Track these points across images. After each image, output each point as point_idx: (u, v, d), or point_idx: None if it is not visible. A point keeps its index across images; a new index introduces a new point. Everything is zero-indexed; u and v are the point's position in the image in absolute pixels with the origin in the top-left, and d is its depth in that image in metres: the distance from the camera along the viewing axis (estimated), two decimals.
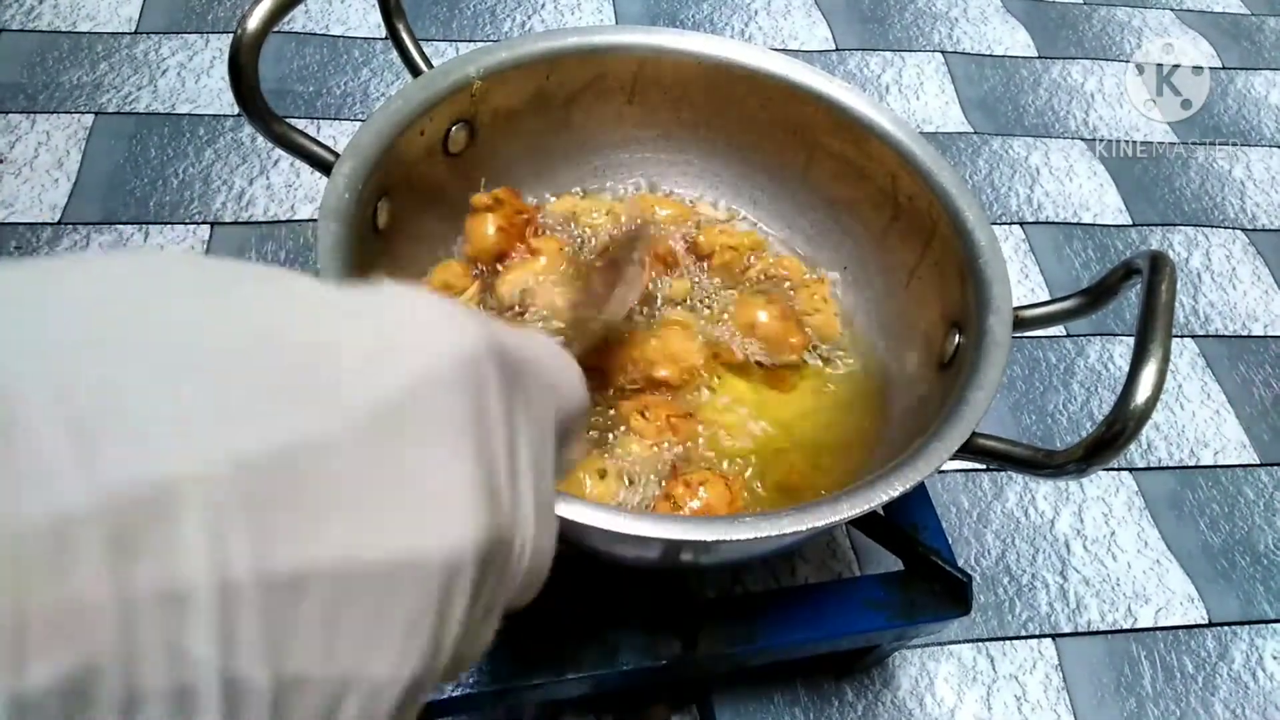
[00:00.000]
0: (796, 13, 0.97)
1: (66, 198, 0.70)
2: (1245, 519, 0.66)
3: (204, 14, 0.85)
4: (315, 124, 0.79)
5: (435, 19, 0.90)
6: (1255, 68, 1.01)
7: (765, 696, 0.55)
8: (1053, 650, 0.59)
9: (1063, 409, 0.70)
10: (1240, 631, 0.61)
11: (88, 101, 0.76)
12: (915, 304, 0.52)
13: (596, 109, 0.55)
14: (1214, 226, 0.85)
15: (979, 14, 1.01)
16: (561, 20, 0.91)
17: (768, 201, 0.59)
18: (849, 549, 0.59)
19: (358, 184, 0.42)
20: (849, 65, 0.93)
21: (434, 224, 0.52)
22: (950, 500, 0.64)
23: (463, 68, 0.49)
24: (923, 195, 0.49)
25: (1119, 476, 0.67)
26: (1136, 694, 0.58)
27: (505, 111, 0.52)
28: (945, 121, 0.89)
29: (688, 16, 0.95)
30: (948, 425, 0.38)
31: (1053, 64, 0.98)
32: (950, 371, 0.45)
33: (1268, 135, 0.94)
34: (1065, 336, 0.75)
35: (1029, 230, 0.82)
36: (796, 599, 0.47)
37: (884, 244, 0.54)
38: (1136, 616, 0.61)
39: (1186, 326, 0.77)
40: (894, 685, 0.56)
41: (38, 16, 0.82)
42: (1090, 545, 0.64)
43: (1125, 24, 1.04)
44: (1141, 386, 0.33)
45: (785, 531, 0.34)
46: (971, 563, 0.62)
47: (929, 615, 0.45)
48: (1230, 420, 0.72)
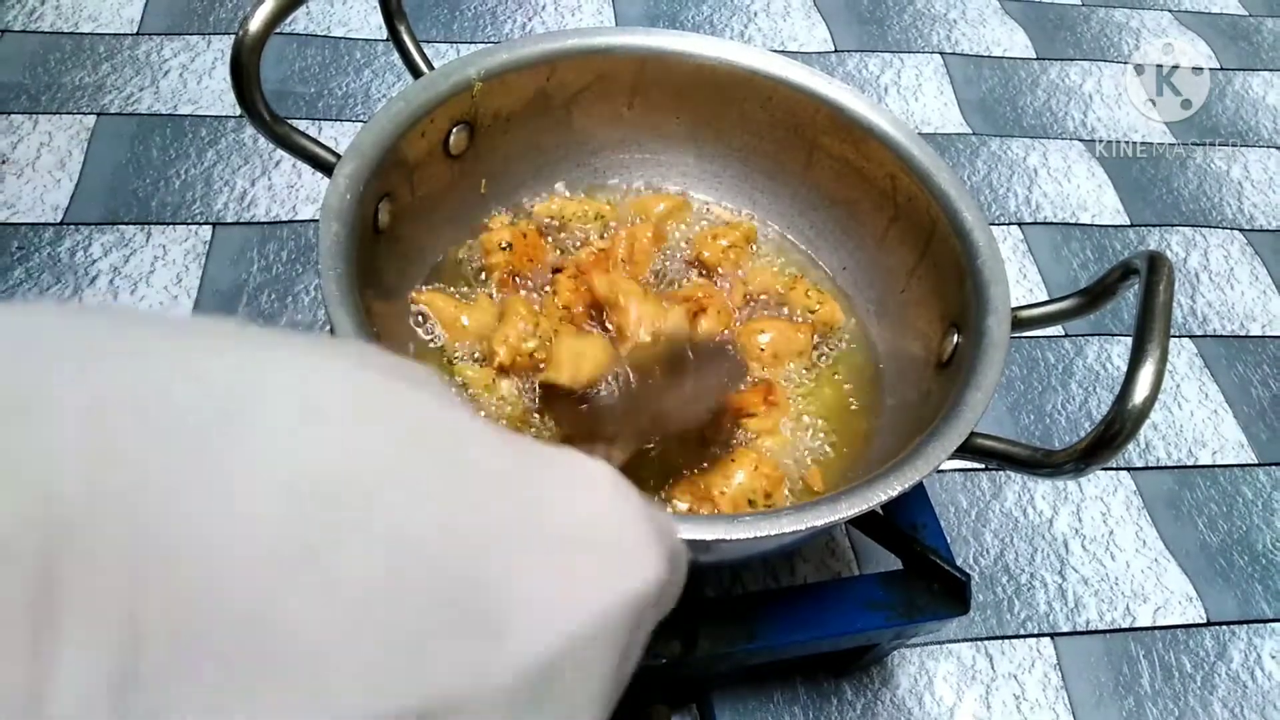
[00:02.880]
0: (796, 14, 0.97)
1: (69, 198, 0.70)
2: (1243, 518, 0.66)
3: (206, 15, 0.85)
4: (317, 125, 0.79)
5: (436, 21, 0.90)
6: (1253, 68, 1.02)
7: (765, 695, 0.55)
8: (1051, 649, 0.59)
9: (1061, 409, 0.71)
10: (1238, 631, 0.61)
11: (90, 102, 0.77)
12: (914, 304, 0.52)
13: (597, 110, 0.56)
14: (1212, 227, 0.85)
15: (977, 15, 1.02)
16: (562, 22, 0.92)
17: (767, 202, 0.59)
18: (848, 548, 0.60)
19: (359, 185, 0.43)
20: (848, 66, 0.93)
21: (435, 225, 0.53)
22: (949, 500, 0.65)
23: (463, 69, 0.49)
24: (921, 196, 0.49)
25: (1117, 476, 0.67)
26: (1135, 693, 0.58)
27: (506, 113, 0.52)
28: (944, 122, 0.90)
29: (687, 18, 0.95)
30: (946, 425, 0.38)
31: (1051, 65, 0.98)
32: (949, 371, 0.45)
33: (1265, 136, 0.95)
34: (1063, 336, 0.75)
35: (1027, 231, 0.82)
36: (796, 598, 0.47)
37: (883, 244, 0.54)
38: (1135, 616, 0.61)
39: (1184, 326, 0.78)
40: (893, 684, 0.56)
41: (40, 18, 0.82)
42: (1089, 545, 0.64)
43: (1123, 25, 1.04)
44: (1139, 386, 0.33)
45: (784, 531, 0.34)
46: (970, 562, 0.62)
47: (928, 614, 0.46)
48: (1228, 420, 0.72)
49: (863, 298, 0.56)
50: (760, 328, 0.52)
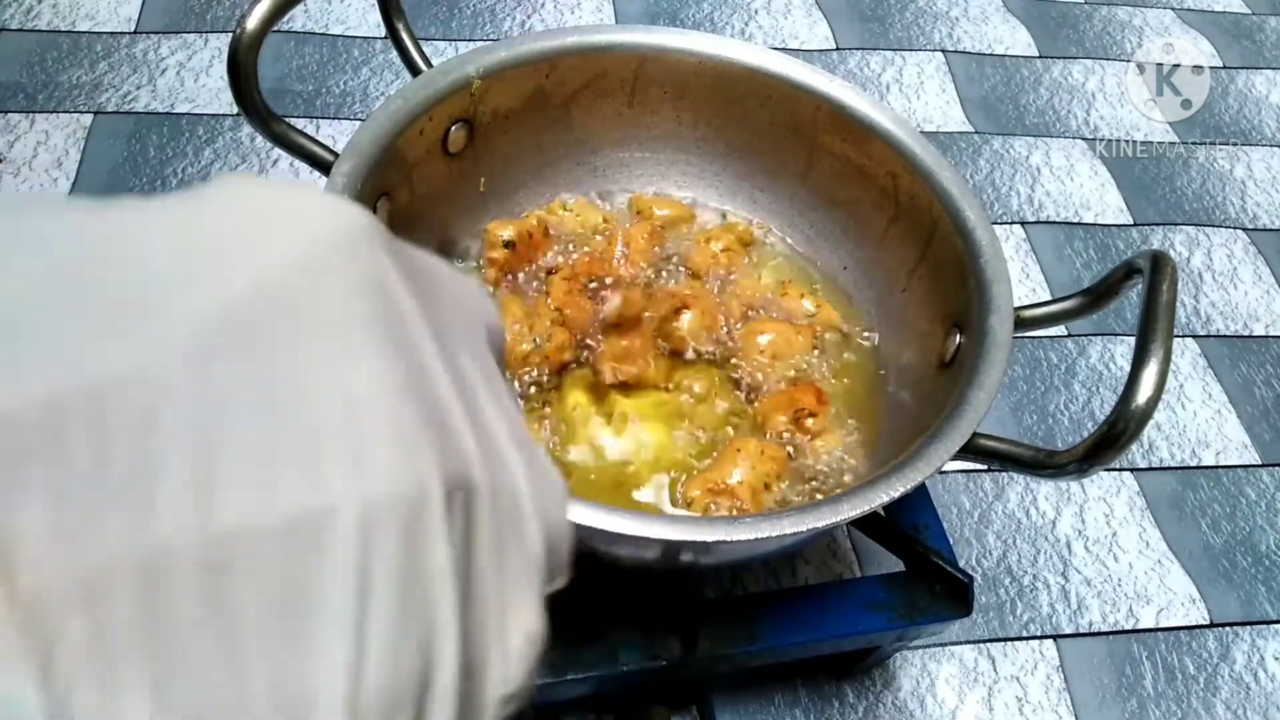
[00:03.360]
0: (797, 12, 0.97)
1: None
2: (1247, 519, 0.66)
3: (203, 14, 0.85)
4: (314, 123, 0.78)
5: (435, 18, 0.90)
6: (1256, 67, 1.01)
7: (765, 697, 0.55)
8: (1054, 651, 0.59)
9: (1064, 409, 0.70)
10: (1242, 632, 0.61)
11: (87, 101, 0.76)
12: (915, 304, 0.51)
13: (596, 108, 0.55)
14: (1215, 226, 0.85)
15: (979, 13, 1.01)
16: (561, 19, 0.91)
17: (768, 201, 0.58)
18: (850, 550, 0.59)
19: (357, 183, 0.42)
20: (849, 64, 0.93)
21: (434, 223, 0.52)
22: (951, 501, 0.64)
23: (462, 67, 0.49)
24: (923, 195, 0.49)
25: (1120, 477, 0.67)
26: (1138, 695, 0.58)
27: (505, 111, 0.52)
28: (946, 121, 0.89)
29: (688, 15, 0.95)
30: (948, 425, 0.38)
31: (1053, 63, 0.97)
32: (951, 371, 0.44)
33: (1269, 135, 0.94)
34: (1066, 336, 0.75)
35: (1030, 230, 0.82)
36: (797, 600, 0.46)
37: (884, 244, 0.54)
38: (1138, 617, 0.61)
39: (1188, 326, 0.77)
40: (895, 686, 0.56)
41: (37, 16, 0.82)
42: (1092, 546, 0.63)
43: (1126, 23, 1.04)
44: (1143, 387, 0.33)
45: (785, 532, 0.34)
46: (973, 563, 0.62)
47: (930, 616, 0.45)
48: (1232, 420, 0.71)
49: (863, 297, 0.55)
50: (761, 329, 0.52)
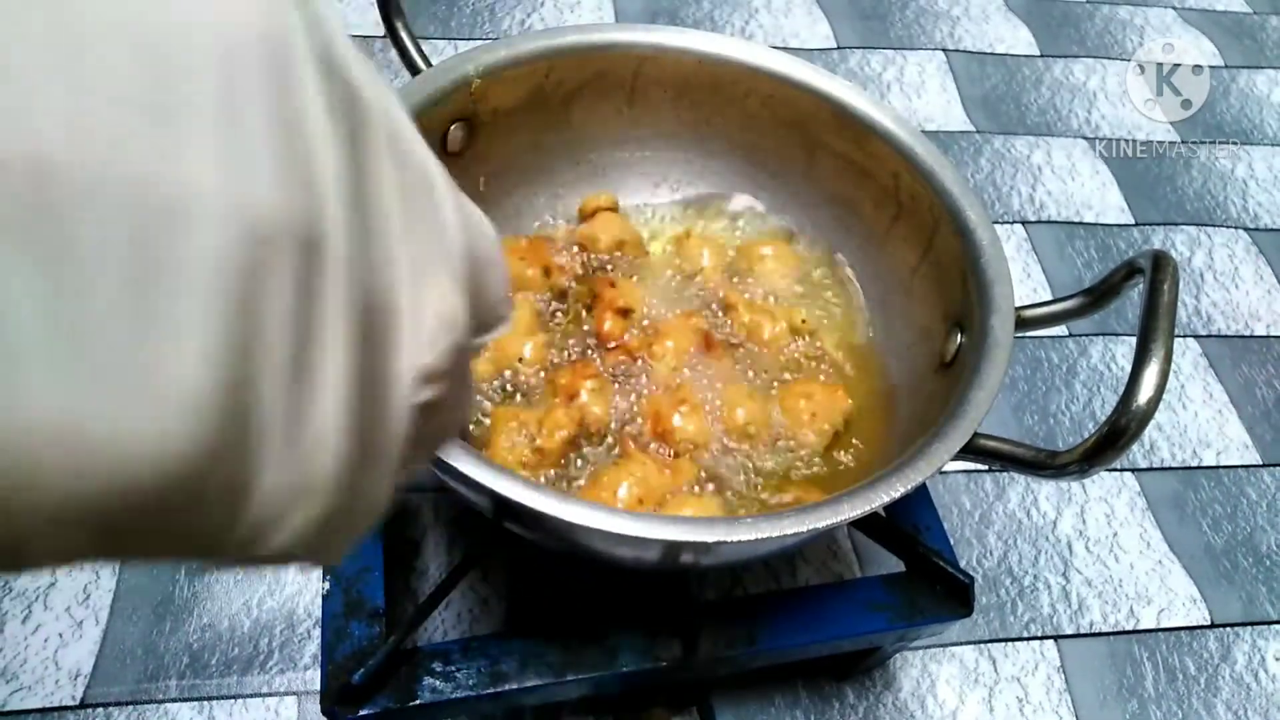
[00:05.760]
0: (797, 10, 0.97)
1: None
2: (1248, 520, 0.66)
3: None
4: None
5: (434, 17, 0.89)
6: (1258, 66, 1.01)
7: (766, 698, 0.55)
8: (1055, 652, 0.59)
9: (1065, 409, 0.70)
10: (1243, 633, 0.61)
11: None
12: (916, 303, 0.51)
13: (596, 107, 0.55)
14: (1216, 226, 0.85)
15: (980, 12, 1.01)
16: (561, 18, 0.91)
17: (768, 200, 0.58)
18: (850, 550, 0.59)
19: None
20: (850, 63, 0.93)
21: None
22: (952, 501, 0.64)
23: (461, 66, 0.49)
24: (924, 194, 0.49)
25: (1121, 477, 0.67)
26: (1139, 695, 0.58)
27: (504, 110, 0.52)
28: (947, 120, 0.89)
29: (688, 14, 0.95)
30: (949, 425, 0.38)
31: (1055, 62, 0.97)
32: (952, 371, 0.44)
33: (1270, 134, 0.94)
34: (1067, 336, 0.74)
35: (1031, 229, 0.82)
36: (797, 600, 0.46)
37: (885, 243, 0.54)
38: (1139, 618, 0.61)
39: (1189, 326, 0.77)
40: (895, 687, 0.56)
41: None
42: (1092, 546, 0.63)
43: (1127, 22, 1.04)
44: (1144, 387, 0.32)
45: (786, 533, 0.34)
46: (973, 564, 0.62)
47: (931, 617, 0.45)
48: (1233, 421, 0.71)
49: (864, 297, 0.55)
50: (802, 391, 0.50)
